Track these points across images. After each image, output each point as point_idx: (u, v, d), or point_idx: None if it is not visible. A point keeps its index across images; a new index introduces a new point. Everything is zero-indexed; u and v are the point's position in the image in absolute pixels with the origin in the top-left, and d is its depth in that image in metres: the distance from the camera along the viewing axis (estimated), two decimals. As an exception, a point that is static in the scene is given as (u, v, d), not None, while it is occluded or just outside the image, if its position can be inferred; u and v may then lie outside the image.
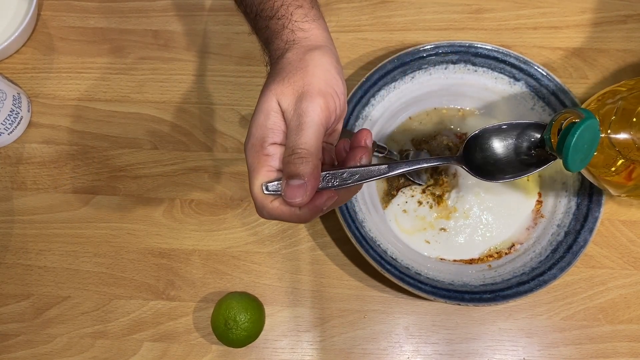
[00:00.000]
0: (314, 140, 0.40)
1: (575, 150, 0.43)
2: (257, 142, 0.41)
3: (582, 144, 0.44)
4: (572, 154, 0.43)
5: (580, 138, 0.43)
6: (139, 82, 0.69)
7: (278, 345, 0.62)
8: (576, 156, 0.44)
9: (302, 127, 0.40)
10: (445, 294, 0.57)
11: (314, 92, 0.40)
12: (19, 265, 0.64)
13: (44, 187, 0.66)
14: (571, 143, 0.42)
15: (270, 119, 0.41)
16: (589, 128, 0.43)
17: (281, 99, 0.41)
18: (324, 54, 0.42)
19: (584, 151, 0.45)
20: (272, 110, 0.41)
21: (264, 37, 0.46)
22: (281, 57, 0.43)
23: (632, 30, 0.71)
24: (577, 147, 0.43)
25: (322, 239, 0.65)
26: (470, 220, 0.63)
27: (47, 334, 0.62)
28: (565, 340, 0.62)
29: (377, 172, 0.42)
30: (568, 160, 0.43)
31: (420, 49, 0.64)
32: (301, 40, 0.43)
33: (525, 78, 0.64)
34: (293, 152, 0.39)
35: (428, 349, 0.62)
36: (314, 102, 0.40)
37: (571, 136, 0.42)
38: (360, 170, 0.41)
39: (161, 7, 0.72)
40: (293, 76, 0.41)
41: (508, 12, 0.72)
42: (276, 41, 0.44)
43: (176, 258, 0.64)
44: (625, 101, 0.52)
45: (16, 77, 0.70)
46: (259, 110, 0.41)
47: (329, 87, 0.41)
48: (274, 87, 0.41)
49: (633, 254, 0.64)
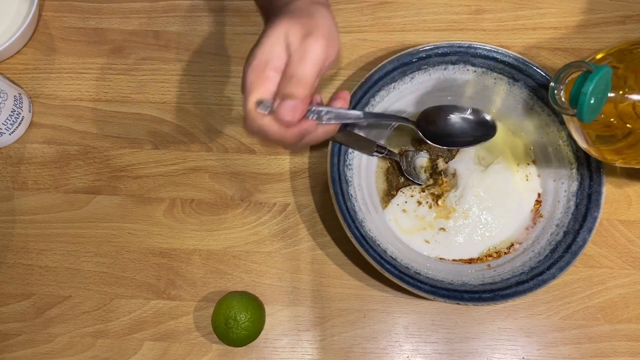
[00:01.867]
0: (311, 71, 0.45)
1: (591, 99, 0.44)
2: (260, 64, 0.45)
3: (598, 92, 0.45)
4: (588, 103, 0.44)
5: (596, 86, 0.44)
6: (139, 83, 0.70)
7: (278, 345, 0.62)
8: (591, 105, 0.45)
9: (304, 59, 0.44)
10: (444, 294, 0.58)
11: (319, 34, 0.45)
12: (20, 264, 0.64)
13: (45, 187, 0.66)
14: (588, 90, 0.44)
15: (276, 47, 0.45)
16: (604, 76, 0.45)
17: (289, 33, 0.45)
18: (327, 10, 0.48)
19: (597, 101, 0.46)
20: (279, 40, 0.45)
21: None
22: (289, 4, 0.48)
23: (630, 30, 0.71)
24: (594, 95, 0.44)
25: (322, 238, 0.65)
26: (470, 220, 0.63)
27: (48, 333, 0.62)
28: (564, 339, 0.62)
29: (352, 116, 0.50)
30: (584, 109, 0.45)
31: (420, 50, 0.64)
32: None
33: (524, 78, 0.64)
34: (292, 77, 0.44)
35: (427, 348, 0.62)
36: (318, 41, 0.45)
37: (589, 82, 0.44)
38: (337, 111, 0.48)
39: (162, 8, 0.72)
40: (302, 18, 0.46)
41: (507, 12, 0.72)
42: None
43: (177, 258, 0.64)
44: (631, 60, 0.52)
45: (17, 78, 0.70)
46: (266, 37, 0.45)
47: (331, 35, 0.47)
48: (284, 22, 0.45)
49: (632, 253, 0.64)
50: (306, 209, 0.66)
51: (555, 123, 0.64)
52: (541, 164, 0.65)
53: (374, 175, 0.66)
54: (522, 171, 0.65)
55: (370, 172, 0.65)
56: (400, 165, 0.65)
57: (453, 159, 0.66)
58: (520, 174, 0.65)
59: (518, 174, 0.65)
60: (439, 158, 0.66)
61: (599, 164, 0.61)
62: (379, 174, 0.66)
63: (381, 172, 0.66)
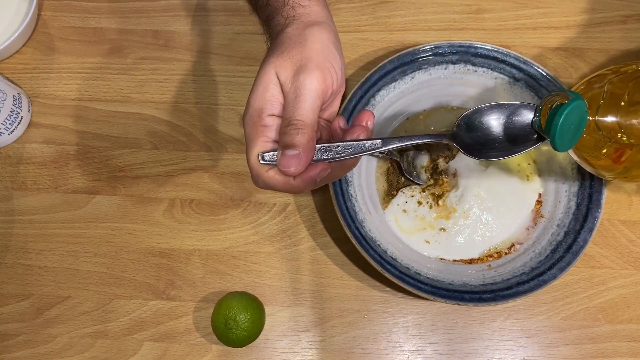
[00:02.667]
0: (310, 112, 0.41)
1: (562, 130, 0.44)
2: (255, 113, 0.42)
3: (570, 124, 0.45)
4: (560, 134, 0.44)
5: (567, 118, 0.44)
6: (139, 82, 0.69)
7: (278, 345, 0.62)
8: (564, 136, 0.45)
9: (299, 99, 0.41)
10: (445, 294, 0.58)
11: (311, 65, 0.41)
12: (19, 265, 0.64)
13: (44, 187, 0.66)
14: (559, 123, 0.44)
15: (268, 91, 0.42)
16: (576, 109, 0.45)
17: (280, 72, 0.42)
18: (322, 30, 0.44)
19: (572, 132, 0.46)
20: (270, 82, 0.42)
21: (264, 15, 0.47)
22: (281, 32, 0.44)
23: (631, 30, 0.71)
24: (565, 127, 0.44)
25: (322, 239, 0.65)
26: (470, 220, 0.63)
27: (47, 333, 0.62)
28: (565, 340, 0.62)
29: (370, 147, 0.43)
30: (555, 140, 0.45)
31: (420, 49, 0.64)
32: (301, 16, 0.44)
33: (525, 78, 0.64)
34: (289, 123, 0.41)
35: (428, 348, 0.62)
36: (312, 75, 0.41)
37: (559, 116, 0.44)
38: (354, 145, 0.42)
39: (161, 7, 0.72)
40: (292, 50, 0.42)
41: (508, 12, 0.72)
42: (277, 17, 0.45)
43: (176, 258, 0.64)
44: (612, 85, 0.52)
45: (16, 77, 0.70)
46: (258, 83, 0.42)
47: (326, 62, 0.42)
48: (273, 60, 0.42)
49: (633, 254, 0.64)
50: (306, 209, 0.65)
51: (556, 123, 0.64)
52: (542, 164, 0.65)
53: (374, 175, 0.66)
54: (523, 171, 0.65)
55: (371, 172, 0.65)
56: (400, 165, 0.65)
57: (453, 159, 0.65)
58: (521, 174, 0.65)
59: (519, 174, 0.65)
60: (439, 158, 0.66)
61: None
62: (379, 174, 0.66)
63: (381, 172, 0.66)
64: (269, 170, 0.42)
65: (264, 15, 0.48)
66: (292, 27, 0.44)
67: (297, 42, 0.42)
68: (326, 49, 0.43)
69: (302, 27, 0.44)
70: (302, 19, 0.44)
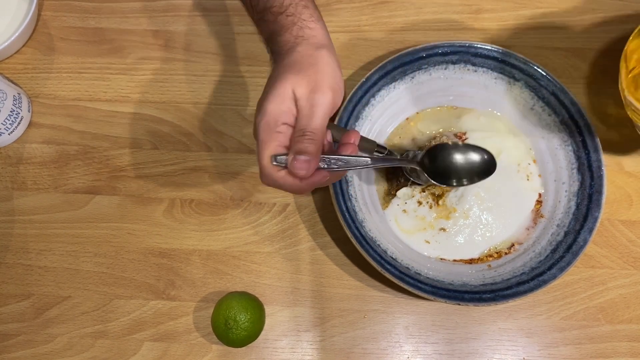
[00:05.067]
0: (321, 125, 0.47)
1: None
2: (272, 120, 0.47)
3: None
4: None
5: None
6: (139, 82, 0.69)
7: (278, 345, 0.62)
8: None
9: (313, 114, 0.47)
10: (445, 294, 0.58)
11: (325, 87, 0.48)
12: (20, 265, 0.64)
13: (44, 187, 0.66)
14: None
15: (285, 104, 0.47)
16: None
17: (296, 88, 0.47)
18: (330, 53, 0.50)
19: None
20: (287, 96, 0.47)
21: (269, 29, 0.52)
22: (292, 50, 0.50)
23: (632, 30, 0.71)
24: None
25: (322, 239, 0.65)
26: (470, 220, 0.63)
27: (47, 333, 0.62)
28: (565, 340, 0.62)
29: (359, 163, 0.51)
30: None
31: (420, 49, 0.64)
32: (310, 38, 0.50)
33: (525, 78, 0.64)
34: (303, 134, 0.47)
35: (428, 348, 0.62)
36: (325, 96, 0.47)
37: None
38: (345, 159, 0.50)
39: (161, 8, 0.72)
40: (307, 70, 0.48)
41: (508, 12, 0.72)
42: (285, 34, 0.51)
43: (176, 258, 0.64)
44: None
45: (16, 77, 0.70)
46: (275, 93, 0.48)
47: (336, 84, 0.49)
48: (291, 78, 0.48)
49: (633, 254, 0.64)
50: (306, 209, 0.65)
51: (555, 123, 0.64)
52: (542, 164, 0.65)
53: (374, 175, 0.66)
54: (523, 171, 0.65)
55: (371, 172, 0.65)
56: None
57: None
58: (521, 174, 0.65)
59: (519, 174, 0.65)
60: (439, 158, 0.66)
61: (600, 164, 0.61)
62: (379, 174, 0.66)
63: (381, 172, 0.66)
64: (280, 170, 0.48)
65: (268, 29, 0.53)
66: (302, 46, 0.50)
67: (310, 63, 0.48)
68: (335, 73, 0.49)
69: (313, 48, 0.49)
70: (311, 40, 0.50)
